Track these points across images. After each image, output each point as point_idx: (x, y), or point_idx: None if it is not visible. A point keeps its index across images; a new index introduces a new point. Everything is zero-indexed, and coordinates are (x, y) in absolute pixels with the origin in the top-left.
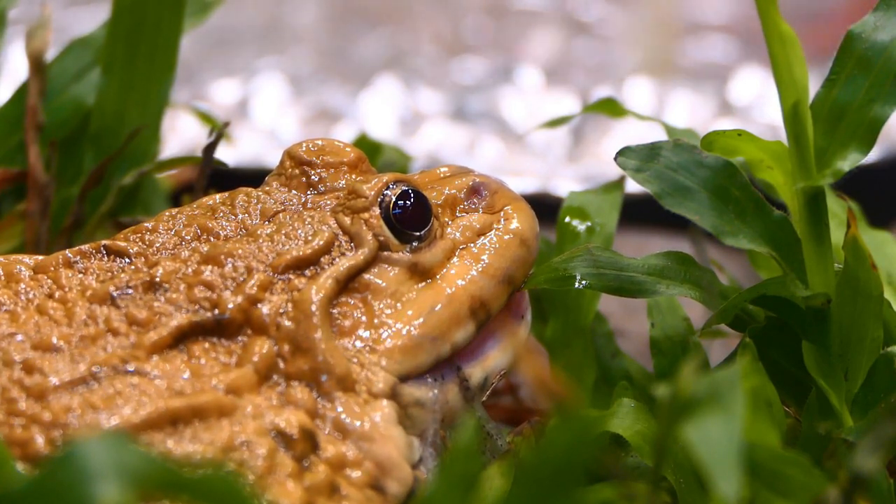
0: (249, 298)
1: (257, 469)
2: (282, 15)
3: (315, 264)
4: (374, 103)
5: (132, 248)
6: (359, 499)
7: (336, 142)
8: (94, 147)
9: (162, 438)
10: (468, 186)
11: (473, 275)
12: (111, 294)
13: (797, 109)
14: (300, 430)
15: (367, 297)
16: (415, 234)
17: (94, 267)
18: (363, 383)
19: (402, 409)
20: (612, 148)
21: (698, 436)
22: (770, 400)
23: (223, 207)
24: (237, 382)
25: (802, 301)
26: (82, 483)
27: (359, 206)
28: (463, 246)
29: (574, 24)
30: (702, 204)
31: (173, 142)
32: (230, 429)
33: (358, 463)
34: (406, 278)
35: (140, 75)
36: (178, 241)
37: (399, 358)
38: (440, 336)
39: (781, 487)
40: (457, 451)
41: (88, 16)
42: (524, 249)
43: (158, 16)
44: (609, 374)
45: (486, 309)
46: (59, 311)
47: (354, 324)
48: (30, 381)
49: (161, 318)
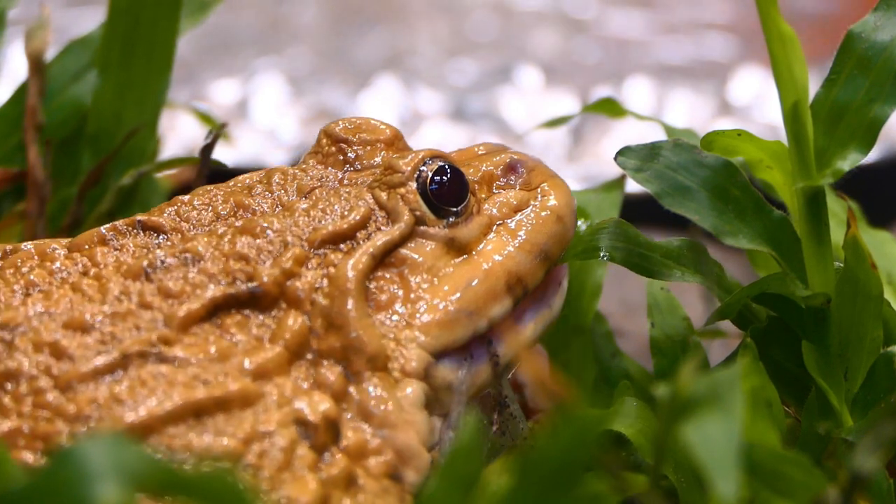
0: (285, 272)
1: (276, 462)
2: (281, 15)
3: (351, 239)
4: (374, 103)
5: (167, 223)
6: (375, 489)
7: (372, 120)
8: (91, 147)
9: (185, 431)
10: (505, 163)
11: (510, 250)
12: (145, 269)
13: (797, 109)
14: (324, 418)
15: (403, 272)
16: (451, 209)
17: (129, 243)
18: (396, 361)
19: (432, 391)
20: (612, 148)
21: (697, 436)
22: (770, 400)
23: (259, 185)
24: (267, 365)
25: (802, 301)
26: (82, 483)
27: (395, 182)
28: (500, 222)
29: (574, 23)
30: (701, 204)
31: (173, 142)
32: (253, 420)
33: (378, 451)
34: (443, 253)
35: (137, 75)
36: (214, 217)
37: (436, 332)
38: (477, 311)
39: (781, 487)
40: (457, 451)
41: (88, 16)
42: (560, 226)
43: (154, 15)
44: (609, 373)
45: (523, 284)
46: (93, 289)
47: (391, 298)
48: (57, 369)
49: (195, 290)
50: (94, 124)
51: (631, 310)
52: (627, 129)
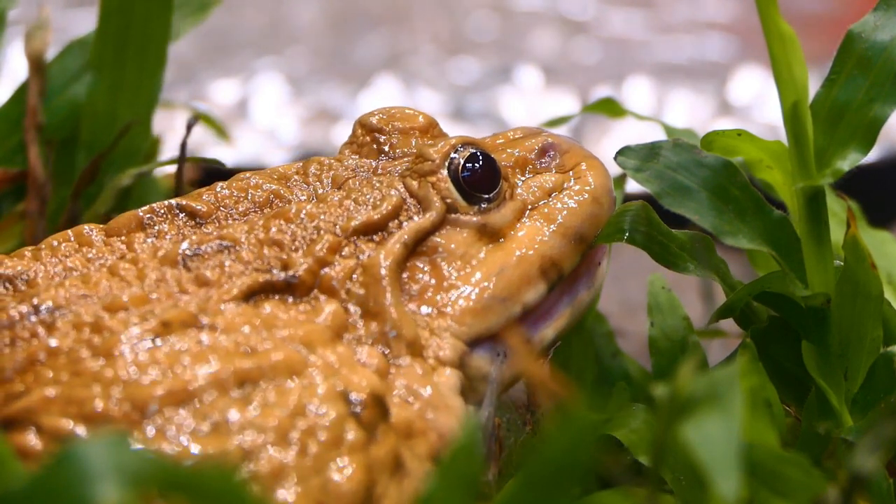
0: (319, 261)
1: (323, 439)
2: (281, 15)
3: (383, 229)
4: (374, 103)
5: (205, 208)
6: (419, 474)
7: (407, 108)
8: (85, 146)
9: (226, 402)
10: (539, 147)
11: (544, 234)
12: (182, 256)
13: (797, 109)
14: (371, 394)
15: (436, 260)
16: (483, 195)
17: (167, 228)
18: (431, 349)
19: (467, 379)
20: (612, 148)
21: (697, 435)
22: (769, 399)
23: (297, 175)
24: (311, 336)
25: (802, 300)
26: (82, 483)
27: (426, 170)
28: (533, 206)
29: (573, 23)
30: (701, 203)
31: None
32: (300, 391)
33: (424, 432)
34: (475, 240)
35: (130, 74)
36: (251, 206)
37: (469, 321)
38: (510, 297)
39: (780, 487)
40: (457, 451)
41: (88, 16)
42: (597, 206)
43: (146, 14)
44: (608, 373)
45: (558, 268)
46: (131, 273)
47: (424, 287)
48: (98, 340)
49: (231, 278)
50: (88, 123)
51: (631, 310)
52: (627, 129)
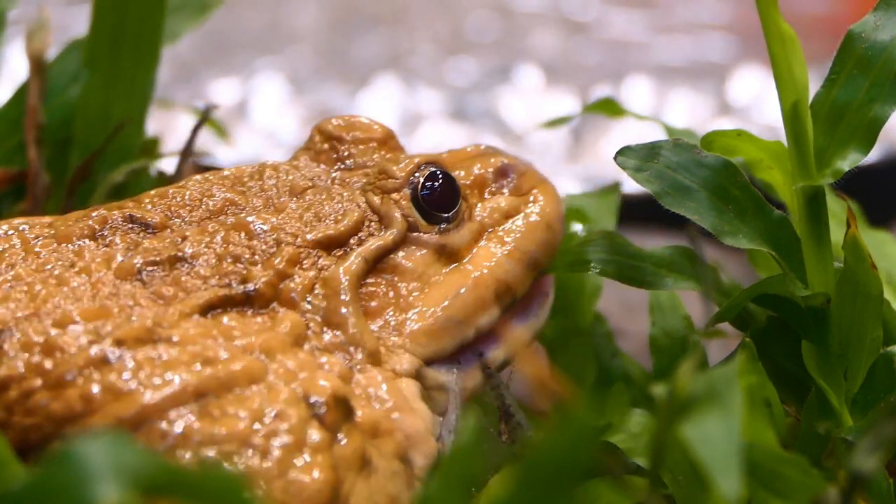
0: (279, 273)
1: (285, 443)
2: (281, 15)
3: (344, 244)
4: (374, 103)
5: (158, 217)
6: (387, 472)
7: (365, 118)
8: (79, 144)
9: (187, 415)
10: (496, 168)
11: (499, 258)
12: (137, 268)
13: (797, 109)
14: (333, 395)
15: (394, 279)
16: (443, 215)
17: (118, 237)
18: (390, 363)
19: (425, 390)
20: (612, 148)
21: (697, 434)
22: (769, 399)
23: (251, 182)
24: (270, 343)
25: (802, 301)
26: (82, 483)
27: (389, 187)
28: (490, 228)
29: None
30: (701, 203)
31: (172, 142)
32: (260, 397)
33: (390, 432)
34: (433, 260)
35: (123, 71)
36: (206, 213)
37: (424, 341)
38: (465, 320)
39: (779, 487)
40: (457, 451)
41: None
42: (550, 233)
43: (140, 11)
44: (608, 373)
45: (512, 293)
46: (83, 286)
47: (381, 305)
48: (49, 365)
49: (189, 292)
50: (81, 121)
51: (631, 310)
52: (627, 129)
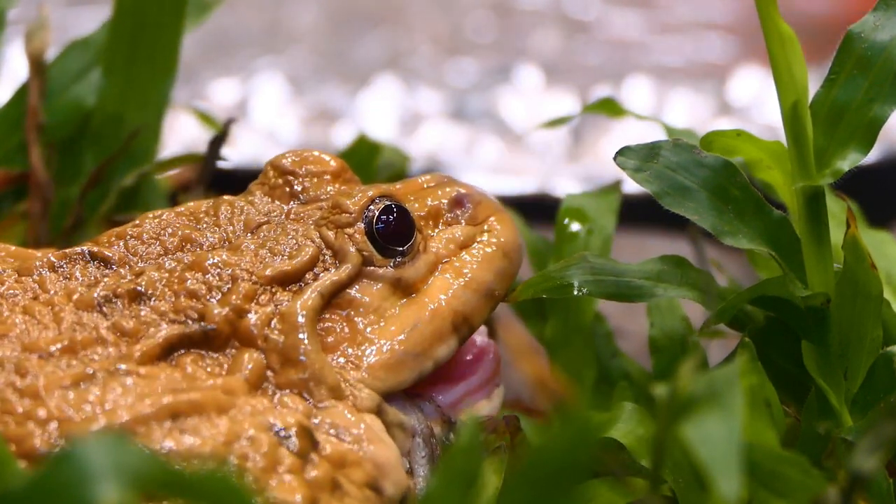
0: (236, 309)
1: (260, 463)
2: (281, 15)
3: (300, 279)
4: (374, 103)
5: (115, 255)
6: (359, 497)
7: (318, 152)
8: (94, 148)
9: (162, 433)
10: (451, 198)
11: (456, 289)
12: (97, 302)
13: (797, 109)
14: (299, 428)
15: (350, 314)
16: (398, 248)
17: (78, 272)
18: (350, 399)
19: (387, 427)
20: (612, 148)
21: (697, 435)
22: (768, 399)
23: (206, 218)
24: (231, 385)
25: (802, 301)
26: (82, 483)
27: (343, 221)
28: (446, 259)
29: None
30: (701, 204)
31: (173, 142)
32: (230, 424)
33: (357, 462)
34: (389, 294)
35: (141, 76)
36: (162, 250)
37: (382, 375)
38: (423, 352)
39: (779, 487)
40: (457, 451)
41: (88, 16)
42: (507, 262)
43: (160, 16)
44: (608, 373)
45: (469, 323)
46: (47, 316)
47: (338, 340)
48: (23, 383)
49: (149, 328)
50: (97, 125)
51: (630, 310)
52: (627, 129)
